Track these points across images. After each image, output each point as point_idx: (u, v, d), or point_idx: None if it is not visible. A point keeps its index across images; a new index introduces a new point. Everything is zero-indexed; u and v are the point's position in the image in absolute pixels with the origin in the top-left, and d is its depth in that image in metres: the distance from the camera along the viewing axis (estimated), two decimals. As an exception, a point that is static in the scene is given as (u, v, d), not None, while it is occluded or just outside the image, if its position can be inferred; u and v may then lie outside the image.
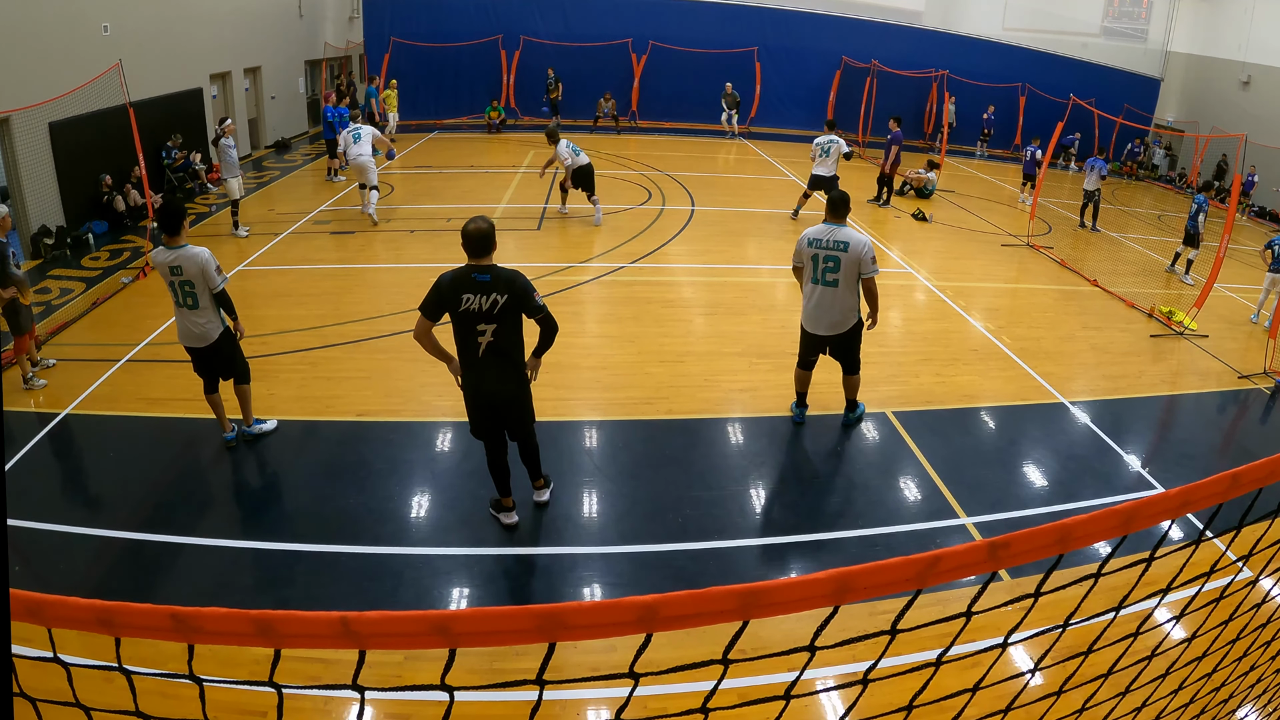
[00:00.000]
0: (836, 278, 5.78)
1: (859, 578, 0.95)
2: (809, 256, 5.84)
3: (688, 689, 3.56)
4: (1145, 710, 1.97)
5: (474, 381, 4.54)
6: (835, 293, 5.82)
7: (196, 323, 5.39)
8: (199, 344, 5.46)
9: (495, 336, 4.39)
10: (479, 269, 4.34)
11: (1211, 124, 21.37)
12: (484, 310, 4.32)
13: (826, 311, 5.90)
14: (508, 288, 4.32)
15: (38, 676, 1.15)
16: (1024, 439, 6.67)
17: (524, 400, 4.70)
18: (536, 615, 0.90)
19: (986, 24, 23.37)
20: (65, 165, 10.87)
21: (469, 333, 4.39)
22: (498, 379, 4.52)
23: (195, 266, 5.24)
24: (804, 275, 5.96)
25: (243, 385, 5.75)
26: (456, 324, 4.39)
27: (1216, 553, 4.57)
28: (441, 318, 4.40)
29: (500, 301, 4.32)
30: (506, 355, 4.47)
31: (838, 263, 5.74)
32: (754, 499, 5.48)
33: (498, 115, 20.47)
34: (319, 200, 13.12)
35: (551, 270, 9.72)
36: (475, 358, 4.45)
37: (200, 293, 5.32)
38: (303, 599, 4.39)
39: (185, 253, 5.25)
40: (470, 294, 4.30)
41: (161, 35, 13.22)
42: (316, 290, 8.97)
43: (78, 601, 0.95)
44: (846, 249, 5.71)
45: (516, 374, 4.57)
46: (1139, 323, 9.61)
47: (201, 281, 5.28)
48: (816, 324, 6.00)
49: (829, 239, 5.77)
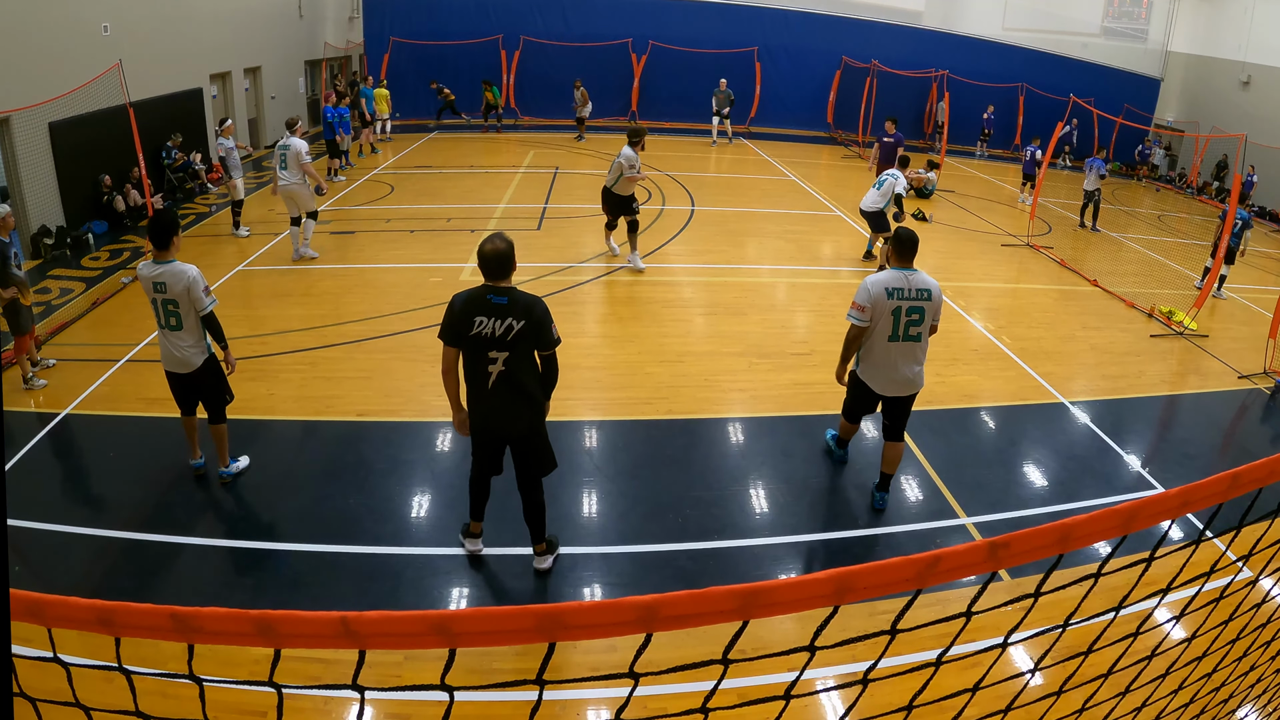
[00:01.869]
0: (920, 331, 4.92)
1: (859, 578, 0.95)
2: (888, 310, 4.86)
3: (688, 689, 3.56)
4: (1145, 710, 1.97)
5: (483, 414, 4.18)
6: (918, 348, 4.97)
7: (179, 346, 4.94)
8: (180, 370, 5.02)
9: (508, 366, 4.03)
10: (495, 290, 4.00)
11: (1211, 124, 21.37)
12: (497, 336, 3.98)
13: (907, 369, 4.99)
14: (526, 313, 3.98)
15: (38, 676, 1.15)
16: (1024, 439, 6.67)
17: (537, 441, 4.30)
18: (536, 615, 0.90)
19: (986, 24, 23.38)
20: (65, 165, 10.88)
21: (479, 360, 4.04)
22: (509, 415, 4.15)
23: (181, 284, 4.81)
24: (873, 332, 4.96)
25: (219, 425, 5.20)
26: (466, 350, 4.07)
27: (1216, 553, 4.57)
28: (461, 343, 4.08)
29: (516, 328, 3.97)
30: (520, 388, 4.10)
31: (922, 314, 4.87)
32: (754, 499, 5.48)
33: (493, 97, 19.79)
34: (319, 200, 13.10)
35: (551, 270, 9.72)
36: (485, 389, 4.09)
37: (185, 314, 4.87)
38: (303, 599, 4.39)
39: (172, 269, 4.82)
40: (484, 317, 3.97)
41: (161, 35, 13.22)
42: (316, 290, 8.97)
43: (78, 601, 0.95)
44: (930, 296, 4.87)
45: (530, 410, 4.18)
46: (1139, 323, 9.61)
47: (187, 301, 4.85)
48: (891, 385, 5.04)
49: (910, 288, 4.84)
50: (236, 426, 6.16)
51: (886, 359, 4.98)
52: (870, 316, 4.90)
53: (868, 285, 4.90)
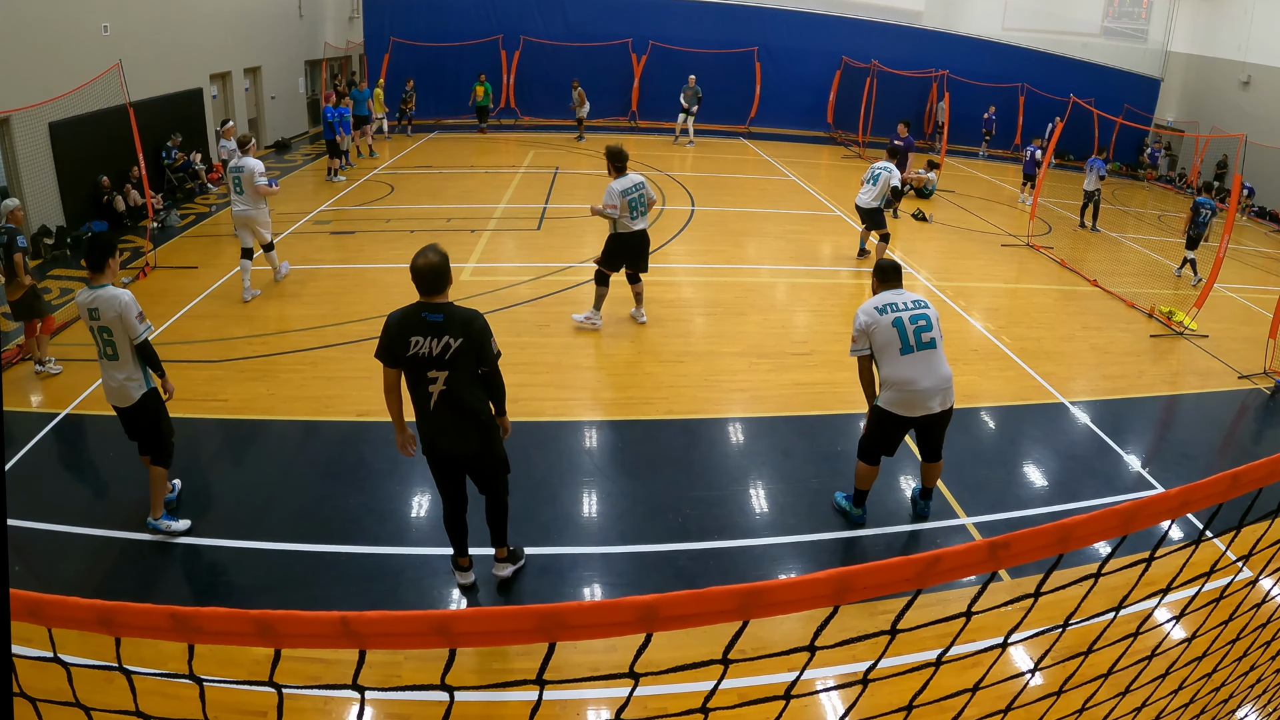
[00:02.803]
0: (933, 336, 4.73)
1: (859, 578, 0.95)
2: (888, 325, 4.69)
3: (688, 689, 3.56)
4: (1145, 710, 1.97)
5: (430, 436, 4.02)
6: (937, 353, 4.74)
7: (115, 377, 4.64)
8: (120, 403, 4.70)
9: (449, 385, 3.85)
10: (430, 307, 3.82)
11: (1211, 124, 21.38)
12: (434, 355, 3.80)
13: (938, 377, 4.71)
14: (463, 330, 3.80)
15: (38, 676, 1.15)
16: (1024, 439, 6.67)
17: (488, 456, 4.14)
18: (536, 615, 0.90)
19: (986, 24, 23.38)
20: (65, 165, 10.88)
21: (419, 381, 3.87)
22: (455, 435, 3.99)
23: (113, 311, 4.49)
24: (884, 354, 4.73)
25: (158, 467, 4.77)
26: (406, 370, 3.91)
27: (1216, 553, 4.57)
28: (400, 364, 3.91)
29: (454, 345, 3.79)
30: (463, 406, 3.91)
31: (929, 320, 4.74)
32: (754, 499, 5.48)
33: (483, 91, 19.56)
34: (319, 200, 13.11)
35: (551, 270, 9.71)
36: (428, 409, 3.92)
37: (120, 342, 4.57)
38: (303, 599, 4.39)
39: (105, 294, 4.52)
40: (420, 336, 3.79)
41: (161, 35, 13.22)
42: (316, 290, 8.97)
43: (78, 601, 0.95)
44: (928, 305, 4.81)
45: (477, 428, 4.01)
46: (1139, 323, 9.61)
47: (120, 329, 4.54)
48: (919, 402, 4.70)
49: (902, 301, 4.78)
50: (237, 426, 6.17)
51: (907, 375, 4.67)
52: (869, 343, 4.76)
53: (858, 313, 4.82)
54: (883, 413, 4.80)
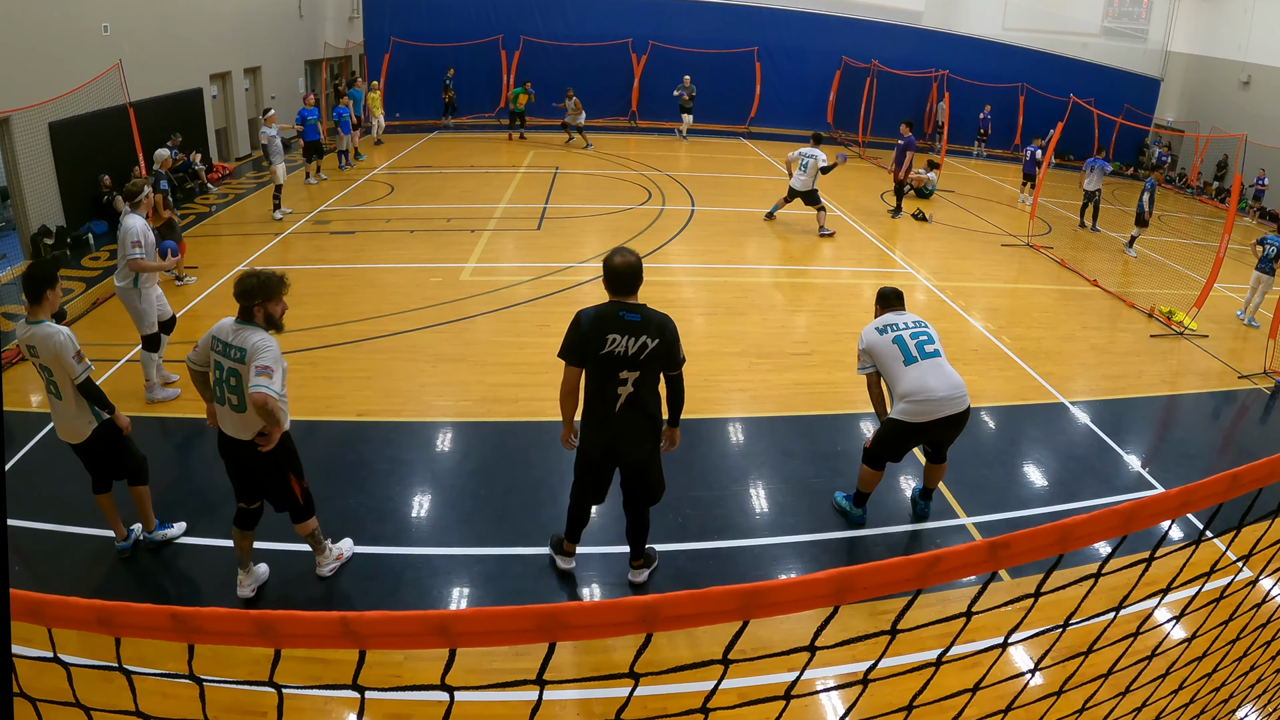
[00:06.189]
0: (936, 347, 4.87)
1: (859, 578, 0.95)
2: (889, 343, 4.83)
3: (688, 689, 3.56)
4: (1145, 710, 1.97)
5: (606, 440, 3.97)
6: (942, 361, 4.84)
7: (64, 415, 4.31)
8: (71, 440, 4.40)
9: (636, 387, 3.84)
10: (628, 307, 3.82)
11: (1211, 124, 21.39)
12: (629, 355, 3.78)
13: (949, 384, 4.74)
14: (659, 331, 3.80)
15: (38, 676, 1.15)
16: (1024, 439, 6.67)
17: (654, 466, 4.12)
18: (536, 615, 0.90)
19: (986, 24, 23.39)
20: (65, 165, 10.88)
21: (608, 381, 3.84)
22: (634, 439, 3.97)
23: (50, 350, 4.14)
24: (891, 369, 4.83)
25: (138, 486, 4.59)
26: (592, 370, 3.86)
27: (1216, 553, 4.57)
28: (588, 363, 3.86)
29: (650, 346, 3.78)
30: (646, 410, 3.91)
31: (930, 335, 4.90)
32: (754, 499, 5.48)
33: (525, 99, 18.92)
34: (319, 200, 13.12)
35: (552, 270, 9.71)
36: (611, 411, 3.89)
37: (60, 382, 4.22)
38: (303, 599, 4.39)
39: (39, 332, 4.15)
40: (617, 335, 3.78)
41: (161, 35, 13.23)
42: (316, 290, 8.97)
43: (78, 601, 0.95)
44: (928, 325, 4.98)
45: (654, 434, 4.02)
46: (1139, 323, 9.61)
47: (59, 369, 4.19)
48: (931, 407, 4.71)
49: (903, 321, 4.94)
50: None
51: (916, 384, 4.72)
52: (873, 361, 4.89)
53: (861, 335, 4.97)
54: (898, 424, 4.82)
